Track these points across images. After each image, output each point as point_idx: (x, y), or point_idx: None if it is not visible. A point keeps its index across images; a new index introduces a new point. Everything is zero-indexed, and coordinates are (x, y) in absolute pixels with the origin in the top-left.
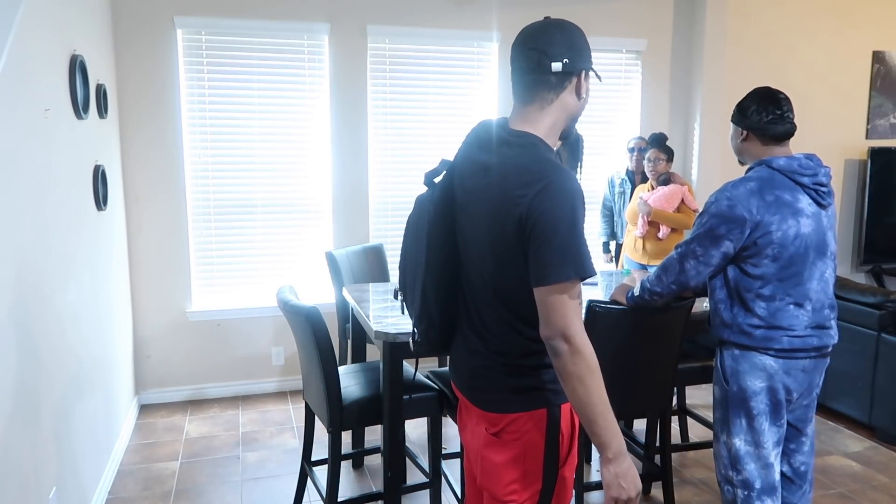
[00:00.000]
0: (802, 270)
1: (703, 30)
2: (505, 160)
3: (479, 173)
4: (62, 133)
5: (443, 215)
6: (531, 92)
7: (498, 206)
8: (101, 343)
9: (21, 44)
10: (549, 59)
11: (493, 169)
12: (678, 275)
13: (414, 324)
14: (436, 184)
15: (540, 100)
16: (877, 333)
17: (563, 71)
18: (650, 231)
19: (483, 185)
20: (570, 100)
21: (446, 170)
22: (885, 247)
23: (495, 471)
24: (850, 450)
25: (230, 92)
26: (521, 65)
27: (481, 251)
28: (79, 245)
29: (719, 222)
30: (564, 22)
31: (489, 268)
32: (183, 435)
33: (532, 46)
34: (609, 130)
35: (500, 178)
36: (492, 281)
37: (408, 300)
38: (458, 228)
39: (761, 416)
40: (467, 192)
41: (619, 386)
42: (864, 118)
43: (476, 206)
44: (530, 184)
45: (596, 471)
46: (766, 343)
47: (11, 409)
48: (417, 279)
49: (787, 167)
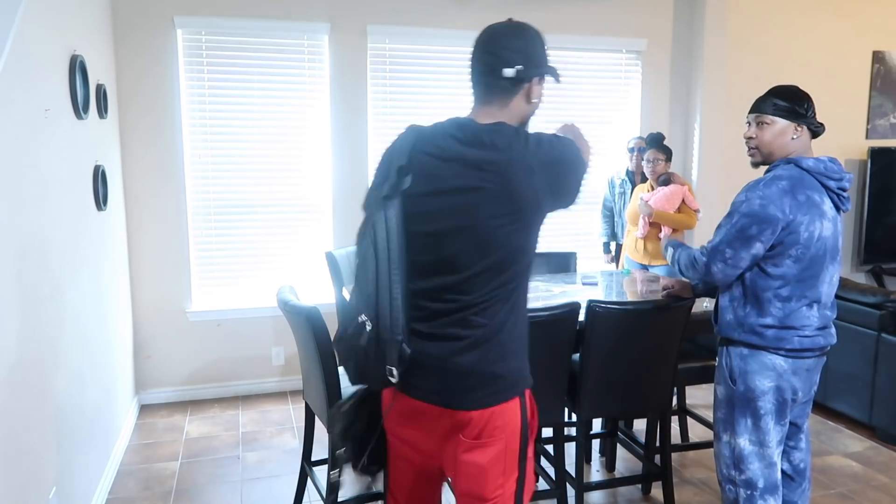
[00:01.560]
0: (819, 272)
1: (703, 30)
2: (500, 153)
3: (472, 168)
4: (62, 133)
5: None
6: (489, 93)
7: (516, 186)
8: (101, 343)
9: (21, 44)
10: (502, 64)
11: (497, 160)
12: (704, 275)
13: (394, 361)
14: (400, 191)
15: (498, 101)
16: (877, 333)
17: (516, 77)
18: (651, 231)
19: (483, 178)
20: (522, 103)
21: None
22: (885, 247)
23: (482, 473)
24: (850, 450)
25: (230, 92)
26: (477, 67)
27: (483, 232)
28: (79, 245)
29: (751, 222)
30: (524, 26)
31: (498, 244)
32: (183, 435)
33: (489, 50)
34: (609, 130)
35: (509, 165)
36: (499, 257)
37: (384, 333)
38: (428, 227)
39: (767, 416)
40: (455, 187)
41: (619, 386)
42: (864, 118)
43: (473, 195)
44: (549, 151)
45: (596, 471)
46: (777, 343)
47: (11, 408)
48: (399, 301)
49: (815, 168)
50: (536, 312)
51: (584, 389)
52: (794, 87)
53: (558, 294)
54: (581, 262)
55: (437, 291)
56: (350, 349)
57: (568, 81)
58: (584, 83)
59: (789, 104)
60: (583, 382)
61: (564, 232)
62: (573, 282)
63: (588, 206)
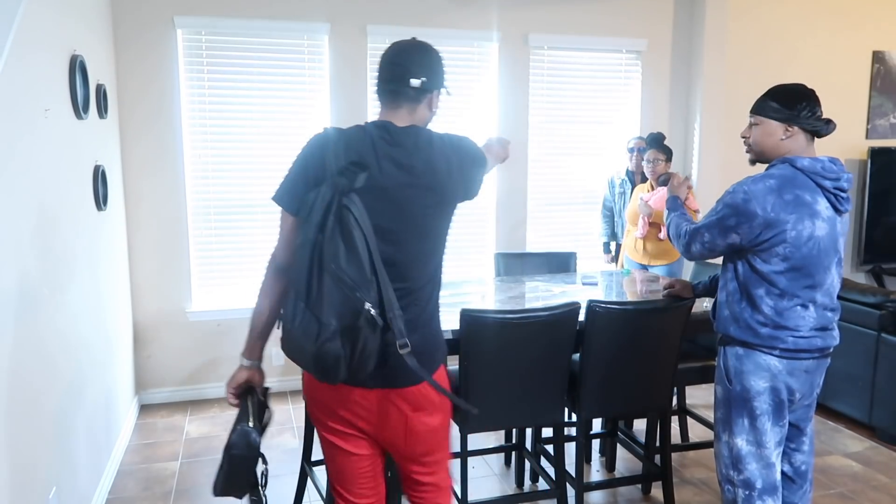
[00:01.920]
0: (813, 273)
1: (703, 30)
2: (426, 148)
3: (403, 168)
4: (62, 133)
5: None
6: (398, 100)
7: (443, 179)
8: (102, 343)
9: (21, 44)
10: (410, 75)
11: (421, 162)
12: (684, 249)
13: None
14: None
15: (407, 107)
16: (877, 333)
17: (421, 88)
18: (651, 231)
19: (415, 175)
20: (425, 111)
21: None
22: (885, 247)
23: (434, 435)
24: (850, 450)
25: (230, 92)
26: (385, 75)
27: (421, 236)
28: (79, 245)
29: (731, 213)
30: (428, 46)
31: (427, 247)
32: (183, 435)
33: (397, 62)
34: (609, 130)
35: (434, 163)
36: (433, 248)
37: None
38: (378, 218)
39: (764, 416)
40: (399, 186)
41: (619, 386)
42: (864, 118)
43: (411, 193)
44: (457, 150)
45: (596, 471)
46: (771, 342)
47: (11, 409)
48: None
49: (810, 168)
50: (536, 312)
51: (584, 389)
52: (793, 87)
53: (558, 294)
54: (581, 262)
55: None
56: (347, 345)
57: (568, 81)
58: (584, 83)
59: (779, 104)
60: (583, 382)
61: (564, 232)
62: (573, 282)
63: (588, 206)
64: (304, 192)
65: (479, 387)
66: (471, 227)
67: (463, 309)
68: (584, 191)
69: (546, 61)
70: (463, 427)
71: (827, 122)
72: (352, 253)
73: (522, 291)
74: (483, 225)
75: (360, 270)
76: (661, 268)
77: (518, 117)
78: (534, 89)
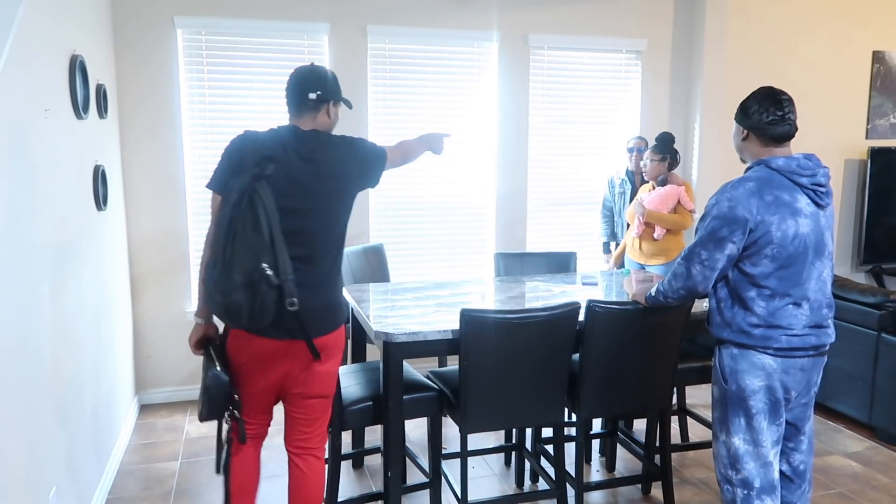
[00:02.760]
0: (801, 270)
1: (703, 30)
2: (325, 147)
3: (307, 163)
4: (62, 133)
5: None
6: (301, 109)
7: (337, 176)
8: (101, 343)
9: (21, 44)
10: (308, 90)
11: (320, 156)
12: (686, 280)
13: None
14: (263, 175)
15: (309, 116)
16: (877, 333)
17: (318, 99)
18: (646, 231)
19: (316, 166)
20: (325, 118)
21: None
22: (885, 247)
23: (329, 377)
24: (850, 450)
25: (230, 92)
26: (291, 91)
27: (321, 213)
28: (79, 245)
29: (721, 224)
30: (322, 68)
31: (327, 223)
32: (183, 435)
33: (299, 81)
34: (608, 130)
35: (329, 159)
36: (328, 231)
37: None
38: (283, 204)
39: (760, 415)
40: (303, 174)
41: (618, 386)
42: (864, 118)
43: (313, 186)
44: (349, 148)
45: (596, 471)
46: (764, 342)
47: (11, 408)
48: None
49: (785, 167)
50: (536, 312)
51: (584, 389)
52: (760, 89)
53: (558, 294)
54: (581, 262)
55: (291, 251)
56: (247, 297)
57: (568, 81)
58: (584, 83)
59: (739, 107)
60: (583, 382)
61: (564, 232)
62: (573, 282)
63: (588, 206)
64: (228, 179)
65: (479, 387)
66: (471, 227)
67: (463, 309)
68: (584, 191)
69: (546, 61)
70: (463, 427)
71: (775, 123)
72: (257, 225)
73: (522, 291)
74: (483, 225)
75: (262, 239)
76: (658, 267)
77: (518, 117)
78: (534, 89)
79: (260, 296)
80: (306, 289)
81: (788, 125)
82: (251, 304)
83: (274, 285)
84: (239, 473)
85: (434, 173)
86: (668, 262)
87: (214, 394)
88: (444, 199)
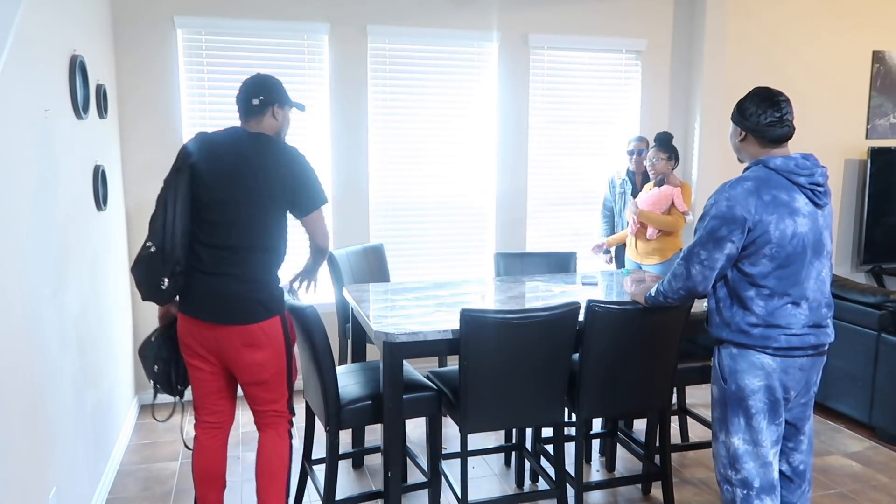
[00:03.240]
0: (800, 270)
1: (703, 30)
2: (262, 148)
3: (241, 159)
4: (62, 133)
5: (191, 190)
6: (248, 114)
7: (267, 174)
8: (101, 343)
9: (21, 44)
10: (252, 96)
11: (254, 155)
12: (685, 280)
13: (167, 274)
14: (186, 167)
15: (255, 119)
16: (877, 333)
17: (261, 104)
18: (640, 231)
19: (248, 166)
20: (271, 120)
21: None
22: (885, 247)
23: (261, 369)
24: (850, 450)
25: (230, 92)
26: (241, 97)
27: (248, 205)
28: (79, 245)
29: (720, 224)
30: (266, 75)
31: (254, 216)
32: (183, 435)
33: (245, 89)
34: (608, 131)
35: (263, 159)
36: (255, 225)
37: (166, 256)
38: (210, 195)
39: (759, 415)
40: (234, 172)
41: (619, 386)
42: (864, 118)
43: (241, 180)
44: (283, 156)
45: (596, 471)
46: (764, 342)
47: (11, 409)
48: (178, 239)
49: (783, 167)
50: (536, 312)
51: (584, 389)
52: (756, 90)
53: (558, 294)
54: (581, 262)
55: (219, 240)
56: (139, 271)
57: (568, 81)
58: (584, 83)
59: (736, 107)
60: (582, 382)
61: (564, 232)
62: (573, 282)
63: (588, 206)
64: (174, 174)
65: (479, 387)
66: (471, 227)
67: (463, 309)
68: (584, 191)
69: (546, 61)
70: (463, 427)
71: (773, 125)
72: (164, 208)
73: (522, 291)
74: (483, 225)
75: (162, 220)
76: (654, 267)
77: (518, 117)
78: (534, 89)
79: (146, 269)
80: (226, 278)
81: (787, 126)
82: (139, 277)
83: (158, 262)
84: (198, 462)
85: (434, 173)
86: (663, 261)
87: (143, 354)
88: (444, 199)
